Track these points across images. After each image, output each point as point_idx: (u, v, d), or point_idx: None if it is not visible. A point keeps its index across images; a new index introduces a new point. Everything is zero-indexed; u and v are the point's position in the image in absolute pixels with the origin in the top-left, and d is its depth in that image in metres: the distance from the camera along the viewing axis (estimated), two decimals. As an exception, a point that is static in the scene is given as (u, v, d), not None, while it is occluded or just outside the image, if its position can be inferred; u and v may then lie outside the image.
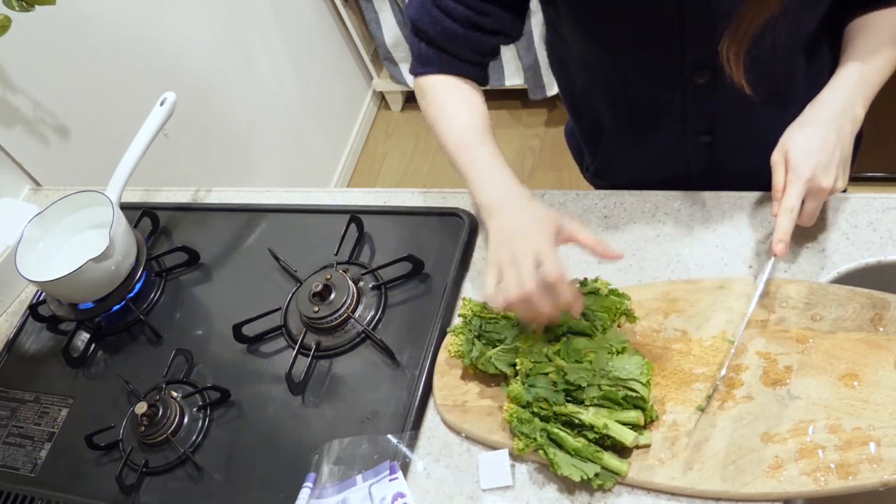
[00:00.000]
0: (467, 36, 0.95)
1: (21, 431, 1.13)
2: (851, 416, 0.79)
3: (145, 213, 1.30)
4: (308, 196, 1.27)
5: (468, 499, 0.87)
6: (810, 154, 0.83)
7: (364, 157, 2.87)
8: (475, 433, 0.90)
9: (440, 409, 0.94)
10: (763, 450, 0.79)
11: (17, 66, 1.51)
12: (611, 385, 0.83)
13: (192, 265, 1.23)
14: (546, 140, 2.64)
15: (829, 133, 0.83)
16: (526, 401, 0.84)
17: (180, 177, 1.95)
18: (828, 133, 0.83)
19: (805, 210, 0.84)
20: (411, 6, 0.99)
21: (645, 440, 0.82)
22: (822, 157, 0.83)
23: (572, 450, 0.81)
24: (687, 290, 0.93)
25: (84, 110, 1.70)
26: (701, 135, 1.03)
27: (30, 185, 1.54)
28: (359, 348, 1.04)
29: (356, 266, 1.12)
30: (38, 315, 1.25)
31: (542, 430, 0.83)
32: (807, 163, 0.82)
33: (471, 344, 0.92)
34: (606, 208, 1.07)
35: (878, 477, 0.75)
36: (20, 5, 1.30)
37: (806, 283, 0.89)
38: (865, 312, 0.85)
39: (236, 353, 1.09)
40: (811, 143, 0.83)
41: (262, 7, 2.35)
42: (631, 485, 0.82)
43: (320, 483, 0.91)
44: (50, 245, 1.24)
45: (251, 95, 2.32)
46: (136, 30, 1.87)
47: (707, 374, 0.86)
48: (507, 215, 0.86)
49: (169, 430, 1.03)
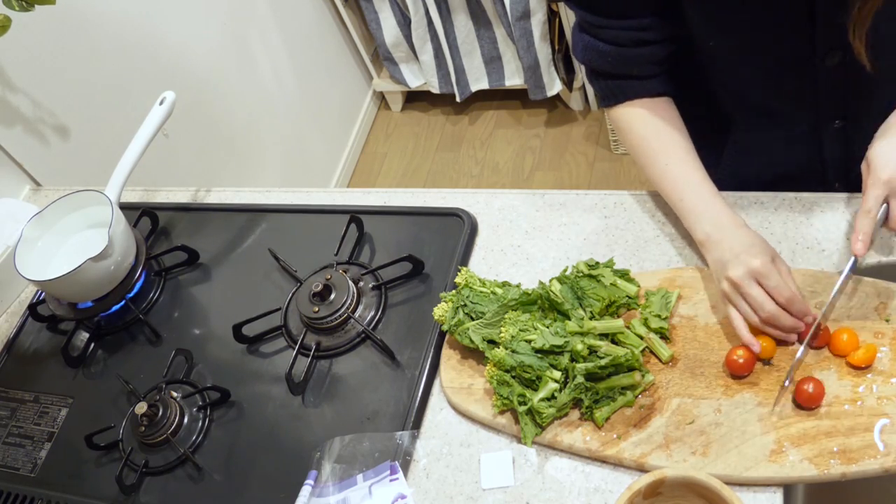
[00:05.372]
0: (640, 54, 0.95)
1: (21, 431, 1.13)
2: (854, 403, 0.79)
3: (145, 212, 1.30)
4: (308, 196, 1.27)
5: (468, 499, 0.87)
6: (889, 155, 0.83)
7: (364, 157, 2.87)
8: (480, 415, 0.91)
9: (446, 391, 0.94)
10: (765, 435, 0.80)
11: (17, 66, 1.51)
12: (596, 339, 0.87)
13: (191, 265, 1.23)
14: (546, 140, 2.64)
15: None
16: (510, 365, 0.86)
17: (180, 177, 1.95)
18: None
19: (893, 211, 0.84)
20: (576, 51, 1.00)
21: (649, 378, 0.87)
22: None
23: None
24: (693, 278, 0.94)
25: (84, 110, 1.70)
26: (834, 119, 1.01)
27: (30, 185, 1.54)
28: (359, 348, 1.04)
29: (356, 266, 1.12)
30: (37, 315, 1.25)
31: (519, 395, 0.86)
32: (885, 166, 0.83)
33: (454, 312, 0.94)
34: (606, 208, 1.07)
35: (879, 463, 0.75)
36: (20, 5, 1.30)
37: (812, 271, 0.90)
38: (870, 301, 0.86)
39: (236, 353, 1.09)
40: (892, 145, 0.84)
41: (262, 7, 2.35)
42: (631, 468, 0.83)
43: (321, 481, 0.91)
44: (49, 244, 1.24)
45: (251, 95, 2.32)
46: (136, 30, 1.87)
47: (711, 360, 0.87)
48: (722, 246, 0.88)
49: (169, 430, 1.02)
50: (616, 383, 0.86)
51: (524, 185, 2.56)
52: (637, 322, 0.91)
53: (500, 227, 1.11)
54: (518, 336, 0.88)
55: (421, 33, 2.53)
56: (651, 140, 0.98)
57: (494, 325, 0.91)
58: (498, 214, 1.12)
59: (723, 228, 0.89)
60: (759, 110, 1.01)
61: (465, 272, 0.98)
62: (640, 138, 0.99)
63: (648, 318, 0.90)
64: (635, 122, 1.00)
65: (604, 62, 0.97)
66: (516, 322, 0.89)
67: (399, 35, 2.60)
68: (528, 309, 0.92)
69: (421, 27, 2.51)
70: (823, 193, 1.00)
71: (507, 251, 1.08)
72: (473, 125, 2.79)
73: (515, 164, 2.62)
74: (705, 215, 0.92)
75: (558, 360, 0.86)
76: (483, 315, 0.93)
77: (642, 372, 0.87)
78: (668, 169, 0.96)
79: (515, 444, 0.89)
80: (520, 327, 0.88)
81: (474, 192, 1.16)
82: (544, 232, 1.08)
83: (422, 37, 2.54)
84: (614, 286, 0.93)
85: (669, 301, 0.91)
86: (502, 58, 2.56)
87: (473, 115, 2.82)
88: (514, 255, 1.07)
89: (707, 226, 0.91)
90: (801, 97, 0.98)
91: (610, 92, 1.00)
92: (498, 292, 0.95)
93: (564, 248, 1.05)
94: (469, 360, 0.96)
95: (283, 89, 2.48)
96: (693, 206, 0.93)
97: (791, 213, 0.99)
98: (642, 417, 0.85)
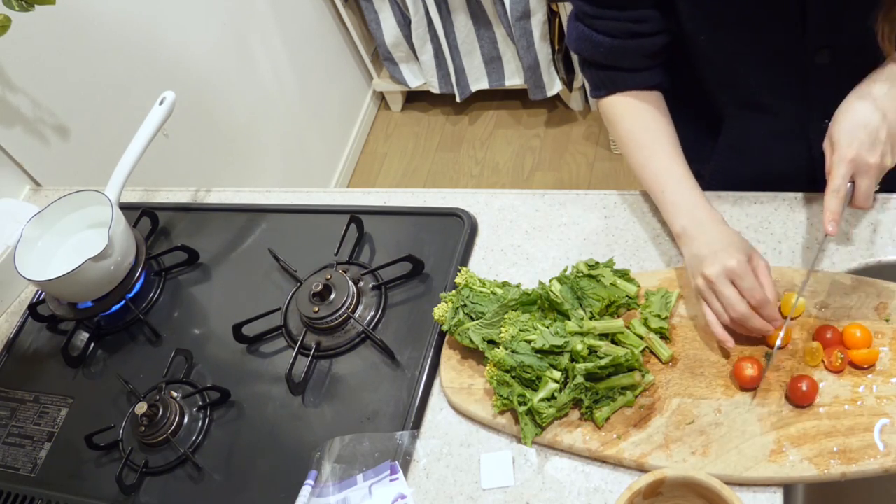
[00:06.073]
0: (633, 46, 0.96)
1: (21, 431, 1.13)
2: (854, 403, 0.79)
3: (145, 212, 1.30)
4: (308, 196, 1.27)
5: (468, 499, 0.87)
6: (853, 134, 0.83)
7: (364, 157, 2.87)
8: (480, 415, 0.91)
9: (446, 391, 0.94)
10: (765, 435, 0.80)
11: (17, 66, 1.51)
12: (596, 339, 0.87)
13: (191, 265, 1.23)
14: (546, 140, 2.64)
15: (872, 111, 0.83)
16: (510, 365, 0.86)
17: (180, 177, 1.95)
18: (872, 111, 0.83)
19: (859, 189, 0.84)
20: (570, 39, 1.01)
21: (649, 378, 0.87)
22: (864, 134, 0.83)
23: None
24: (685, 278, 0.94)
25: (84, 110, 1.70)
26: (823, 118, 0.98)
27: (30, 185, 1.54)
28: (359, 348, 1.04)
29: (356, 266, 1.12)
30: (37, 315, 1.25)
31: (519, 395, 0.86)
32: (850, 143, 0.83)
33: (454, 312, 0.94)
34: (606, 208, 1.07)
35: (879, 463, 0.75)
36: (20, 5, 1.30)
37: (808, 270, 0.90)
38: (870, 301, 0.86)
39: (236, 353, 1.09)
40: (853, 123, 0.83)
41: (262, 7, 2.35)
42: (631, 468, 0.83)
43: (321, 481, 0.91)
44: (49, 244, 1.23)
45: (251, 95, 2.32)
46: (136, 30, 1.86)
47: (711, 360, 0.87)
48: (699, 241, 0.88)
49: (169, 430, 1.02)
50: (616, 383, 0.86)
51: (524, 185, 2.56)
52: (637, 322, 0.91)
53: (500, 227, 1.11)
54: (518, 336, 0.88)
55: (421, 33, 2.53)
56: (637, 132, 0.99)
57: (494, 325, 0.91)
58: (498, 214, 1.12)
59: (701, 223, 0.90)
60: (749, 106, 1.02)
61: (465, 272, 0.98)
62: (626, 130, 1.00)
63: (648, 318, 0.90)
64: (623, 114, 1.00)
65: (596, 53, 0.98)
66: (516, 322, 0.89)
67: (399, 35, 2.60)
68: (528, 309, 0.92)
69: (421, 27, 2.51)
70: (822, 193, 1.00)
71: (507, 251, 1.08)
72: (473, 125, 2.79)
73: (515, 164, 2.62)
74: (684, 209, 0.92)
75: (558, 360, 0.86)
76: (483, 315, 0.93)
77: (642, 372, 0.87)
78: (652, 161, 0.96)
79: (515, 444, 0.89)
80: (520, 327, 0.88)
81: (474, 192, 1.16)
82: (544, 232, 1.08)
83: (422, 37, 2.54)
84: (614, 286, 0.93)
85: (669, 301, 0.91)
86: (502, 58, 2.56)
87: (473, 115, 2.82)
88: (514, 255, 1.07)
89: (684, 219, 0.91)
90: (790, 94, 0.98)
91: (601, 82, 1.01)
92: (498, 292, 0.95)
93: (564, 248, 1.05)
94: (469, 360, 0.96)
95: (283, 89, 2.48)
96: (673, 199, 0.94)
97: (791, 212, 0.99)
98: (642, 417, 0.85)
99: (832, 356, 0.82)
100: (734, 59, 0.96)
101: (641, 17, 0.94)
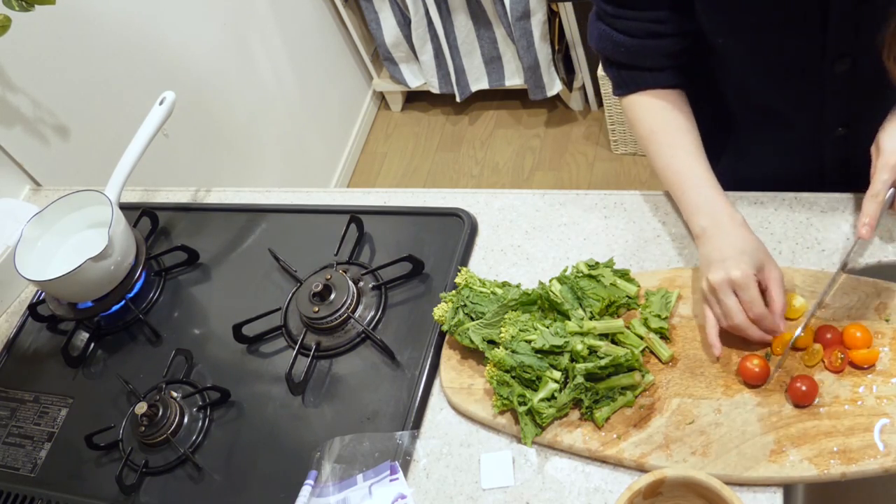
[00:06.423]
0: (652, 46, 0.96)
1: (21, 431, 1.13)
2: (854, 403, 0.79)
3: (145, 212, 1.30)
4: (308, 196, 1.27)
5: (468, 499, 0.87)
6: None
7: (364, 157, 2.87)
8: (480, 415, 0.91)
9: (446, 391, 0.94)
10: (765, 435, 0.80)
11: (17, 66, 1.51)
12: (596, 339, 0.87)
13: (191, 265, 1.23)
14: (546, 140, 2.64)
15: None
16: (510, 365, 0.86)
17: (180, 177, 1.95)
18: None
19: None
20: (592, 38, 1.01)
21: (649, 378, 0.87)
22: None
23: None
24: (693, 278, 0.94)
25: (84, 110, 1.70)
26: (837, 126, 1.00)
27: (30, 185, 1.54)
28: (359, 348, 1.04)
29: (356, 266, 1.12)
30: (37, 315, 1.25)
31: (519, 395, 0.86)
32: (894, 151, 0.82)
33: (454, 312, 0.94)
34: (606, 208, 1.07)
35: (879, 463, 0.75)
36: (20, 5, 1.30)
37: (812, 271, 0.91)
38: (870, 301, 0.86)
39: (236, 353, 1.09)
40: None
41: (262, 7, 2.35)
42: (631, 468, 0.83)
43: (321, 481, 0.91)
44: (49, 244, 1.24)
45: (251, 95, 2.32)
46: (136, 30, 1.86)
47: (710, 359, 0.87)
48: (714, 244, 0.88)
49: (169, 430, 1.02)
50: (616, 383, 0.86)
51: (524, 185, 2.56)
52: (637, 322, 0.91)
53: (500, 227, 1.11)
54: (518, 336, 0.88)
55: (421, 33, 2.53)
56: (659, 131, 0.98)
57: (494, 325, 0.91)
58: (498, 214, 1.12)
59: (719, 225, 0.89)
60: (762, 111, 1.01)
61: (465, 272, 0.98)
62: (648, 129, 0.99)
63: (648, 318, 0.90)
64: (645, 112, 1.00)
65: (617, 52, 0.98)
66: (516, 322, 0.89)
67: (399, 35, 2.60)
68: (528, 309, 0.92)
69: (421, 27, 2.51)
70: (823, 193, 1.00)
71: (507, 251, 1.08)
72: (473, 125, 2.79)
73: (515, 164, 2.62)
74: (704, 209, 0.92)
75: (558, 360, 0.86)
76: (483, 315, 0.93)
77: (642, 372, 0.87)
78: (674, 160, 0.96)
79: (515, 444, 0.89)
80: (520, 327, 0.88)
81: (474, 192, 1.16)
82: (544, 232, 1.08)
83: (422, 37, 2.54)
84: (614, 286, 0.93)
85: (669, 301, 0.91)
86: (502, 58, 2.56)
87: (473, 115, 2.82)
88: (514, 255, 1.07)
89: (704, 220, 0.91)
90: (806, 102, 0.97)
91: (623, 81, 1.01)
92: (498, 292, 0.95)
93: (564, 248, 1.05)
94: (469, 360, 0.96)
95: (283, 89, 2.48)
96: (694, 199, 0.93)
97: (791, 212, 0.99)
98: (642, 417, 0.85)
99: (832, 356, 0.82)
100: (751, 63, 0.95)
101: (660, 18, 0.93)
